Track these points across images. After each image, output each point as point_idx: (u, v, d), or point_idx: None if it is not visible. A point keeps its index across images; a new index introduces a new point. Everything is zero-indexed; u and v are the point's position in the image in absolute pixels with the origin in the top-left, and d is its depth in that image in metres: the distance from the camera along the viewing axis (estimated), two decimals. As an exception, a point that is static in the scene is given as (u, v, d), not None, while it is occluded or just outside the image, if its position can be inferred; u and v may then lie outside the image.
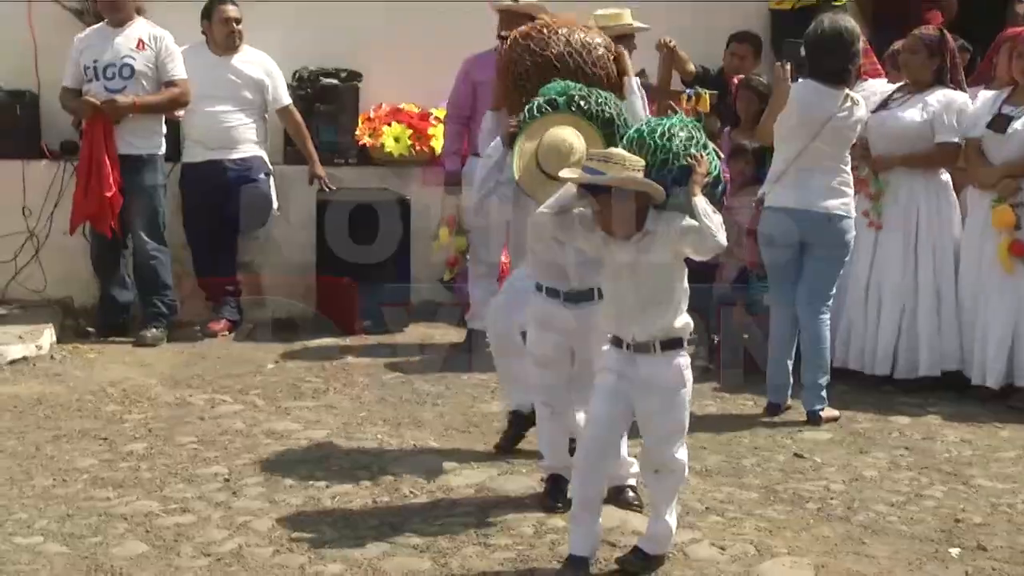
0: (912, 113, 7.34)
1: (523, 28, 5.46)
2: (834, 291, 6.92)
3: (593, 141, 4.85)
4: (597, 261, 4.92)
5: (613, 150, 4.43)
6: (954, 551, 5.08)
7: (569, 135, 4.86)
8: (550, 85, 5.04)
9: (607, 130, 4.91)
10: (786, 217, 6.79)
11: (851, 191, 6.84)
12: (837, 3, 9.24)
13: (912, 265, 7.48)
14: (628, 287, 4.48)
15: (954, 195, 7.56)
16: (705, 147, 4.52)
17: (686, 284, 4.63)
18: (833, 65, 6.69)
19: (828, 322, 6.88)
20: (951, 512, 5.50)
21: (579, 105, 4.93)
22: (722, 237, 4.35)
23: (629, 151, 4.45)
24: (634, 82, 5.49)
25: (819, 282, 6.81)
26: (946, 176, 7.51)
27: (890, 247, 7.49)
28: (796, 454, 6.26)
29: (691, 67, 8.86)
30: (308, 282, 8.88)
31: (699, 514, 5.38)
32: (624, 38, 7.57)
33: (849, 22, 6.89)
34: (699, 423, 6.66)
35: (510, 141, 5.10)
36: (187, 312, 8.74)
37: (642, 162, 4.36)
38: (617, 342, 4.57)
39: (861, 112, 6.81)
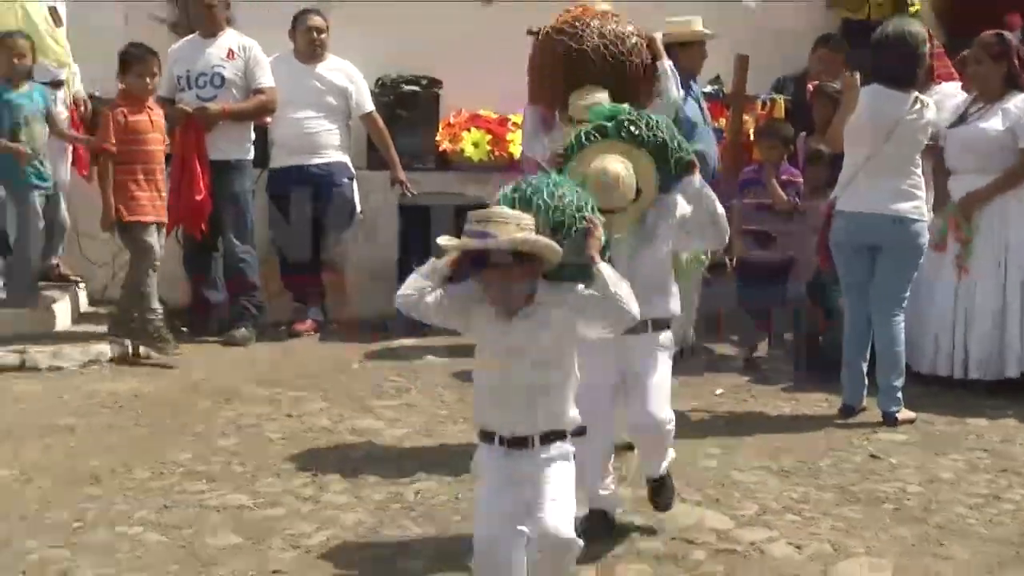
0: (993, 123, 7.25)
1: (555, 23, 5.29)
2: (907, 294, 6.80)
3: (644, 169, 4.54)
4: (659, 286, 4.78)
5: (496, 209, 3.78)
6: (1033, 552, 5.01)
7: (614, 164, 4.47)
8: (599, 109, 4.71)
9: (659, 156, 4.56)
10: (856, 221, 6.73)
11: (922, 193, 6.76)
12: (912, 11, 9.10)
13: (1002, 267, 7.38)
14: (514, 371, 3.83)
15: None
16: (593, 210, 3.90)
17: (576, 369, 4.01)
18: (899, 69, 6.64)
19: (902, 324, 6.79)
20: (1021, 510, 5.44)
21: (629, 131, 4.54)
22: (634, 308, 3.78)
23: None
24: (667, 64, 5.46)
25: (892, 285, 6.73)
26: None
27: (980, 260, 7.40)
28: (872, 455, 6.19)
29: None
30: (390, 283, 8.91)
31: (776, 513, 5.35)
32: (694, 45, 7.57)
33: (914, 26, 6.85)
34: (774, 423, 6.74)
35: (557, 171, 4.62)
36: (274, 312, 8.83)
37: (531, 219, 3.73)
38: (488, 437, 3.92)
39: (931, 114, 6.73)
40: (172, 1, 8.98)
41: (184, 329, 8.60)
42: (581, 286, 3.81)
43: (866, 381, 6.87)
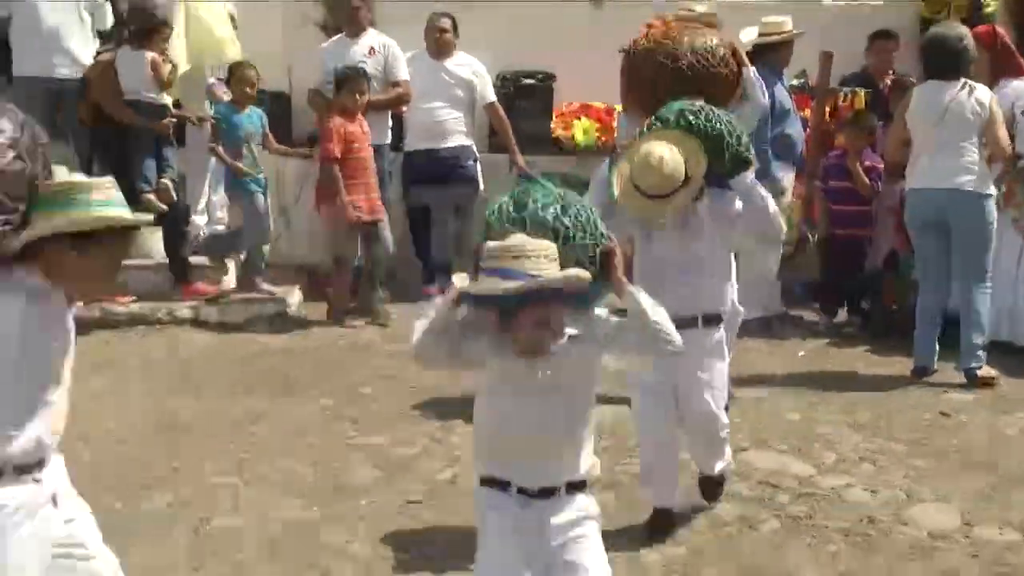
0: None
1: (648, 39, 5.06)
2: (988, 263, 6.67)
3: (693, 155, 4.12)
4: (711, 281, 4.41)
5: (515, 240, 2.97)
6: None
7: (661, 148, 4.07)
8: (668, 105, 4.36)
9: (714, 146, 4.17)
10: (921, 196, 6.69)
11: (982, 170, 6.60)
12: (987, 10, 8.85)
13: None
14: (536, 413, 3.06)
15: None
16: (599, 224, 3.21)
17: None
18: (943, 63, 6.61)
19: (985, 291, 6.67)
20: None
21: (686, 120, 4.19)
22: (676, 337, 3.10)
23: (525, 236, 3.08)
24: (751, 71, 5.33)
25: (968, 256, 6.62)
26: None
27: None
28: (942, 412, 6.12)
29: None
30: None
31: (853, 462, 5.34)
32: (786, 43, 7.47)
33: (952, 28, 6.83)
34: (852, 382, 6.68)
35: (613, 163, 4.40)
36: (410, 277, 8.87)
37: (554, 248, 2.98)
38: (501, 484, 3.15)
39: (981, 96, 6.58)
40: (323, 4, 9.05)
41: (330, 290, 8.68)
42: (605, 312, 3.16)
43: (937, 346, 6.74)
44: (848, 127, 8.13)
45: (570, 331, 3.08)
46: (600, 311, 3.15)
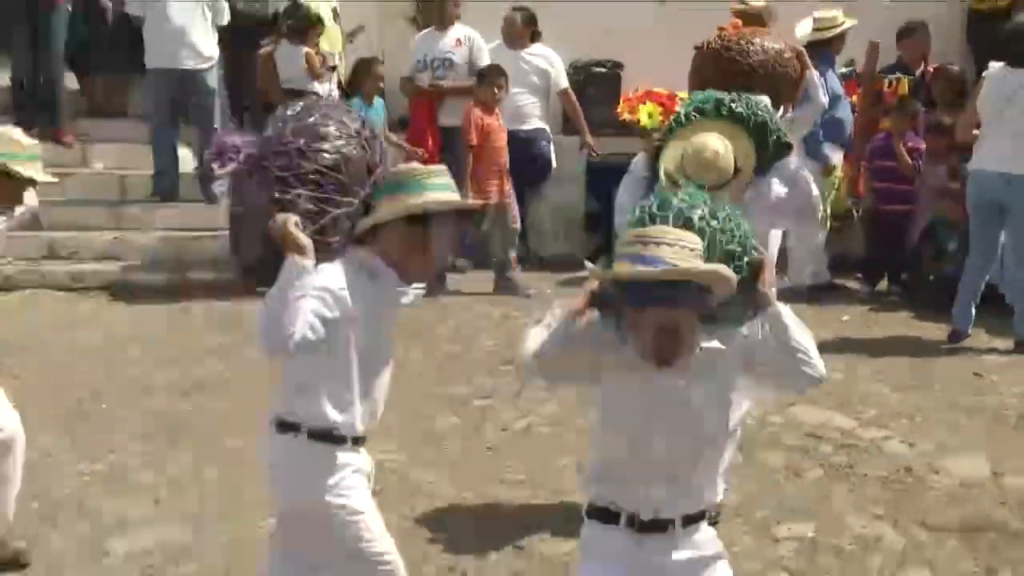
0: None
1: (722, 39, 4.95)
2: None
3: (742, 146, 3.83)
4: None
5: (657, 226, 2.53)
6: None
7: (715, 141, 3.78)
8: (699, 95, 4.09)
9: (759, 135, 3.87)
10: (980, 176, 6.56)
11: None
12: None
13: None
14: (662, 435, 2.56)
15: None
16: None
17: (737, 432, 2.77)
18: (1018, 50, 6.42)
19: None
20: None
21: (731, 109, 3.87)
22: (820, 366, 2.54)
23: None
24: (814, 75, 5.14)
25: (1018, 236, 6.49)
26: None
27: None
28: (975, 373, 6.09)
29: None
30: (577, 227, 8.99)
31: (891, 417, 5.34)
32: (839, 36, 7.43)
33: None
34: (892, 345, 6.65)
35: (655, 153, 4.07)
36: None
37: (699, 241, 2.51)
38: (611, 517, 2.63)
39: None
40: (415, 1, 9.13)
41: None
42: (746, 331, 2.64)
43: (974, 313, 6.68)
44: (893, 112, 8.07)
45: (706, 344, 2.57)
46: (740, 329, 2.64)
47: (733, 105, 3.87)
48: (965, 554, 4.05)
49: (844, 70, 8.32)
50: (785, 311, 2.56)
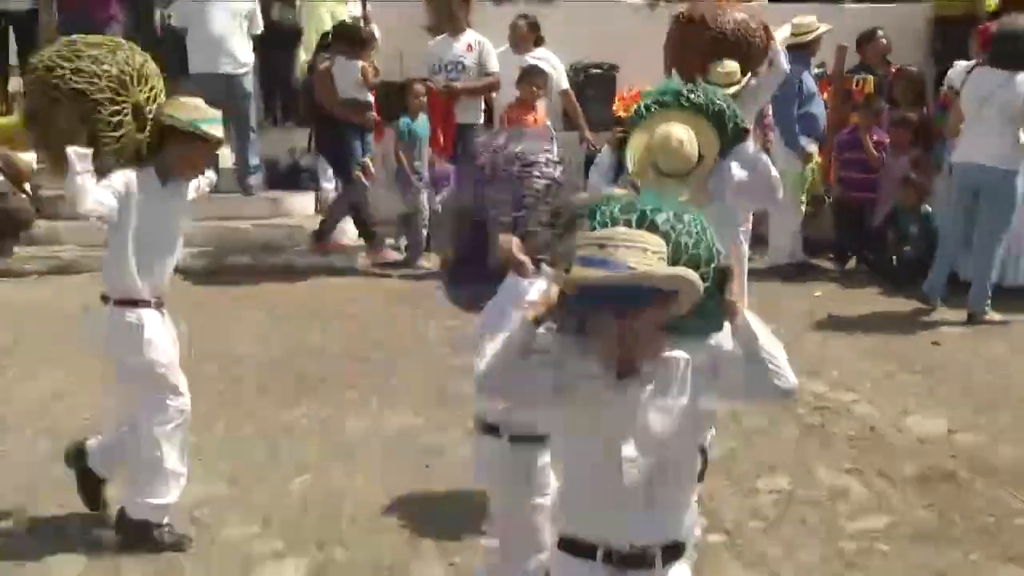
0: None
1: (694, 10, 4.88)
2: (1005, 228, 6.50)
3: (704, 133, 3.66)
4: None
5: (619, 229, 2.16)
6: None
7: (679, 131, 3.60)
8: (659, 86, 3.96)
9: (718, 122, 3.70)
10: (960, 168, 6.53)
11: (1015, 150, 6.35)
12: (989, 10, 8.66)
13: None
14: (629, 456, 2.18)
15: None
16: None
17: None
18: (999, 51, 6.42)
19: (998, 249, 6.53)
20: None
21: (690, 99, 3.69)
22: (791, 378, 2.18)
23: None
24: (777, 44, 5.07)
25: (994, 222, 6.47)
26: None
27: None
28: (934, 342, 6.13)
29: None
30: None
31: (859, 380, 5.38)
32: (815, 40, 7.43)
33: (1015, 24, 6.53)
34: (859, 318, 6.64)
35: (618, 144, 3.89)
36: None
37: (663, 244, 2.15)
38: (587, 552, 2.23)
39: (1017, 86, 6.31)
40: (428, 7, 9.11)
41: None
42: (713, 342, 2.28)
43: (945, 292, 6.66)
44: (861, 108, 8.09)
45: (671, 354, 2.21)
46: (707, 339, 2.29)
47: (692, 96, 3.69)
48: (921, 501, 4.10)
49: (817, 71, 8.32)
50: (754, 321, 2.19)
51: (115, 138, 3.45)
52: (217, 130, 3.60)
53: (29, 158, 7.58)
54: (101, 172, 3.42)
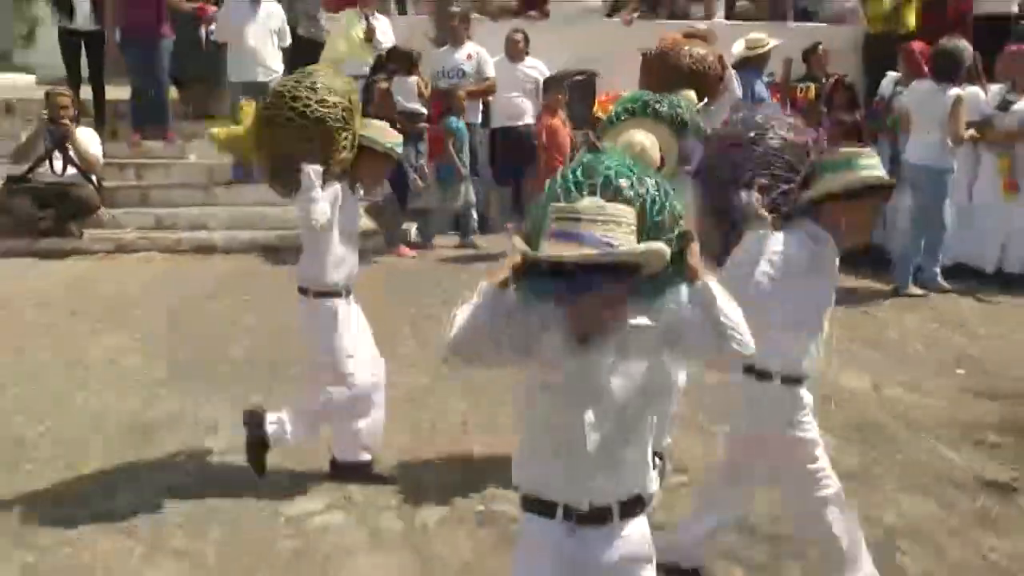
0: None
1: (661, 47, 4.83)
2: (936, 216, 6.54)
3: (664, 140, 3.49)
4: None
5: (589, 202, 1.95)
6: (960, 371, 5.07)
7: (641, 136, 3.41)
8: (627, 95, 3.76)
9: (679, 127, 3.55)
10: (908, 166, 6.60)
11: (942, 149, 6.42)
12: (909, 29, 8.73)
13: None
14: (592, 417, 2.00)
15: None
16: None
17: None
18: (934, 66, 6.54)
19: (927, 235, 6.60)
20: (958, 347, 5.43)
21: (654, 109, 3.55)
22: (748, 339, 1.99)
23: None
24: (732, 73, 5.04)
25: (924, 210, 6.56)
26: None
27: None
28: (864, 311, 6.22)
29: None
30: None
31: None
32: (765, 54, 7.47)
33: (952, 44, 6.62)
34: None
35: (591, 147, 3.95)
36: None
37: (633, 214, 1.96)
38: (546, 509, 2.06)
39: (950, 94, 6.38)
40: (433, 21, 9.10)
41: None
42: (674, 304, 2.08)
43: (910, 274, 6.64)
44: (804, 112, 8.12)
45: (635, 320, 2.02)
46: (668, 303, 2.08)
47: (657, 106, 3.59)
48: (852, 448, 4.16)
49: (767, 79, 8.35)
50: (715, 285, 2.00)
51: (341, 159, 3.55)
52: (400, 150, 3.77)
53: (97, 153, 7.69)
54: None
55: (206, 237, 7.84)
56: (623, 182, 2.03)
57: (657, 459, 3.70)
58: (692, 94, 4.49)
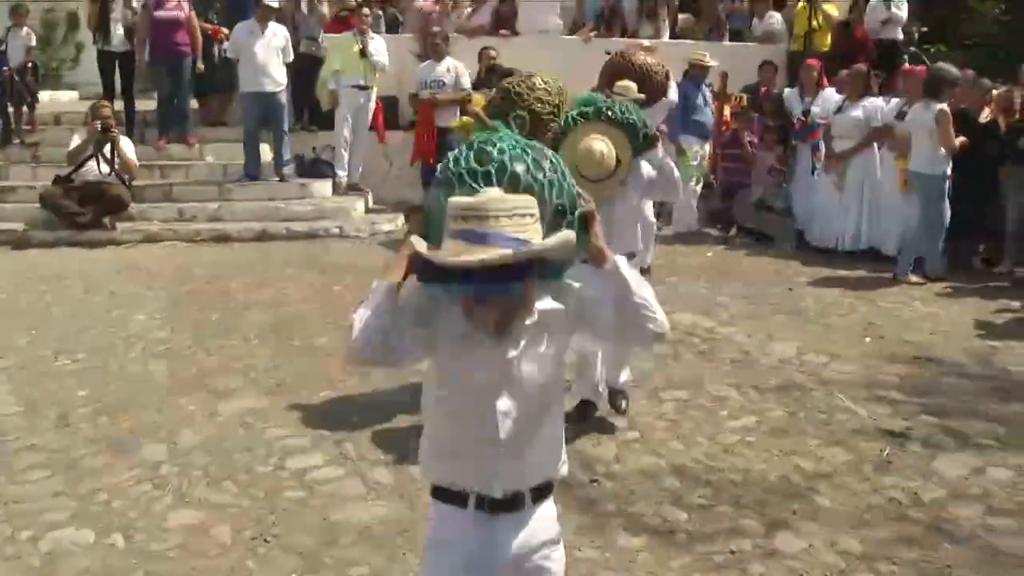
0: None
1: (619, 53, 4.72)
2: (936, 216, 6.31)
3: (621, 143, 3.37)
4: (629, 228, 3.52)
5: (491, 196, 1.61)
6: (868, 339, 5.08)
7: (599, 143, 3.30)
8: (579, 98, 3.55)
9: (632, 133, 3.41)
10: (910, 173, 6.43)
11: (935, 157, 6.22)
12: (824, 49, 8.79)
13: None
14: (502, 406, 1.70)
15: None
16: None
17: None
18: (926, 85, 6.34)
19: (941, 233, 6.36)
20: (862, 317, 5.47)
21: (607, 115, 3.38)
22: (661, 317, 1.73)
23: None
24: (674, 84, 4.91)
25: (924, 211, 6.37)
26: None
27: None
28: (789, 288, 6.18)
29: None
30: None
31: (738, 319, 5.41)
32: (702, 68, 7.50)
33: (938, 67, 6.54)
34: (739, 272, 6.64)
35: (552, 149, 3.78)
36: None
37: (535, 204, 1.64)
38: (457, 499, 1.76)
39: (938, 109, 6.16)
40: (417, 39, 9.00)
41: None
42: (577, 284, 1.75)
43: (911, 263, 6.42)
44: (738, 116, 8.16)
45: (543, 305, 1.70)
46: (572, 283, 1.74)
47: (610, 112, 3.41)
48: (779, 405, 4.17)
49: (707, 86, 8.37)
50: (623, 264, 1.72)
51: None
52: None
53: (135, 158, 7.65)
54: None
55: (222, 228, 7.73)
56: (519, 167, 1.68)
57: (621, 397, 3.81)
58: (632, 84, 4.41)
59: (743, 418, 4.02)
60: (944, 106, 6.22)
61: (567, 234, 1.63)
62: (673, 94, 5.05)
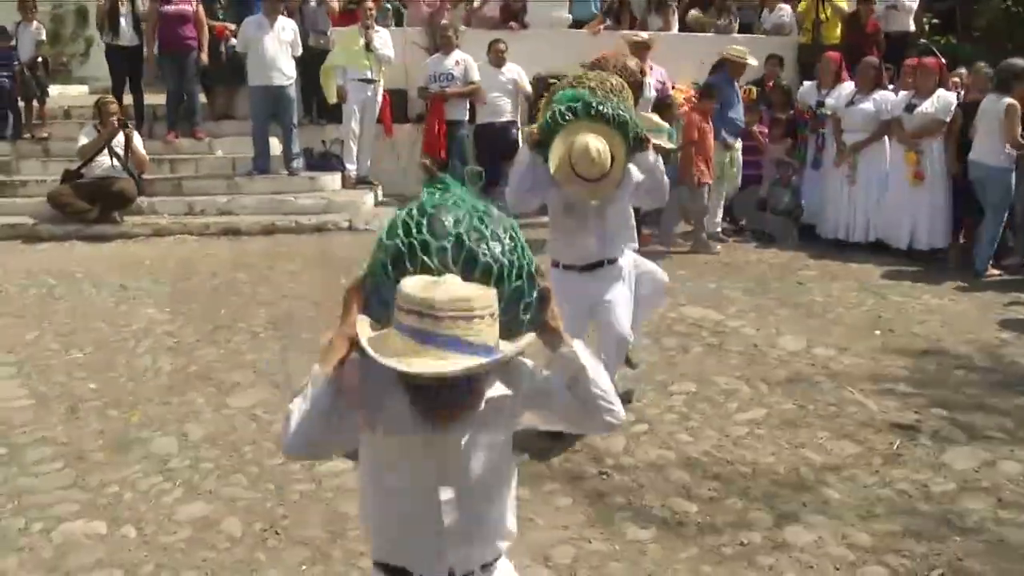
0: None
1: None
2: (999, 208, 6.25)
3: (616, 142, 3.25)
4: (619, 231, 3.47)
5: (451, 292, 1.42)
6: (877, 332, 5.03)
7: (595, 142, 3.18)
8: (563, 93, 3.41)
9: (623, 131, 3.27)
10: (972, 164, 6.35)
11: (998, 150, 6.15)
12: (834, 41, 8.72)
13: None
14: (447, 495, 1.57)
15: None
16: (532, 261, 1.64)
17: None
18: (996, 79, 6.31)
19: (999, 224, 6.32)
20: (875, 311, 5.40)
21: (600, 112, 3.24)
22: (618, 408, 1.64)
23: (444, 270, 1.51)
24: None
25: (990, 202, 6.25)
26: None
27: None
28: (798, 282, 6.16)
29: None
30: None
31: (745, 312, 5.41)
32: (742, 65, 7.45)
33: (1008, 62, 6.35)
34: (748, 266, 6.63)
35: (534, 146, 3.37)
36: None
37: (495, 296, 1.48)
38: (396, 573, 1.63)
39: (1004, 103, 6.13)
40: (426, 32, 8.98)
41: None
42: (530, 364, 1.64)
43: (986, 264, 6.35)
44: (748, 109, 8.06)
45: (491, 392, 1.56)
46: (524, 361, 1.63)
47: (600, 108, 3.26)
48: (788, 398, 4.17)
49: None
50: (581, 350, 1.61)
51: None
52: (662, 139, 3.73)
53: (144, 153, 7.68)
54: None
55: (231, 221, 7.74)
56: (477, 247, 1.51)
57: (628, 363, 3.79)
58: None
59: (752, 411, 4.02)
60: (1014, 101, 6.15)
61: (529, 337, 1.54)
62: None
